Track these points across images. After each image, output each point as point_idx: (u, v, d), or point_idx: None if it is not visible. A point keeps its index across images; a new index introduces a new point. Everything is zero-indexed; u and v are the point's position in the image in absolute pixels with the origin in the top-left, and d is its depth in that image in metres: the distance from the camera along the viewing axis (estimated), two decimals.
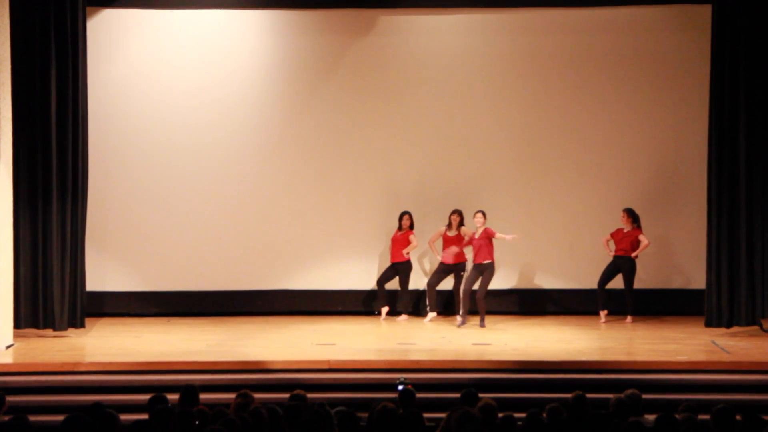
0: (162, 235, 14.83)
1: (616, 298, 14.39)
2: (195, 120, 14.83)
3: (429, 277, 14.67)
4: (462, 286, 14.05)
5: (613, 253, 14.36)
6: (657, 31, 14.74)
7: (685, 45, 14.64)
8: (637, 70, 14.76)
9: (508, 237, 13.78)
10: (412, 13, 14.91)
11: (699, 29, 14.18)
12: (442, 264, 14.46)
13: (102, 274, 14.60)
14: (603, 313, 14.29)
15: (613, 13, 14.76)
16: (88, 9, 13.75)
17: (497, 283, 14.91)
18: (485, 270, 13.86)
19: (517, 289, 15.02)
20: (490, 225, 13.94)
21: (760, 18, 13.02)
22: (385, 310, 14.68)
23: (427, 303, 14.49)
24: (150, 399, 8.02)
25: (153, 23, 14.80)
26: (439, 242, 14.51)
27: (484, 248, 13.85)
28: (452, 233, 14.40)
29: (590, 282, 14.49)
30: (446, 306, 14.67)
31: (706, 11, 13.61)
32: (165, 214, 14.84)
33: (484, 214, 13.92)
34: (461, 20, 14.92)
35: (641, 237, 14.19)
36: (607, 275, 14.33)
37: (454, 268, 14.40)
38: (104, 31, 14.62)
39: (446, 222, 14.44)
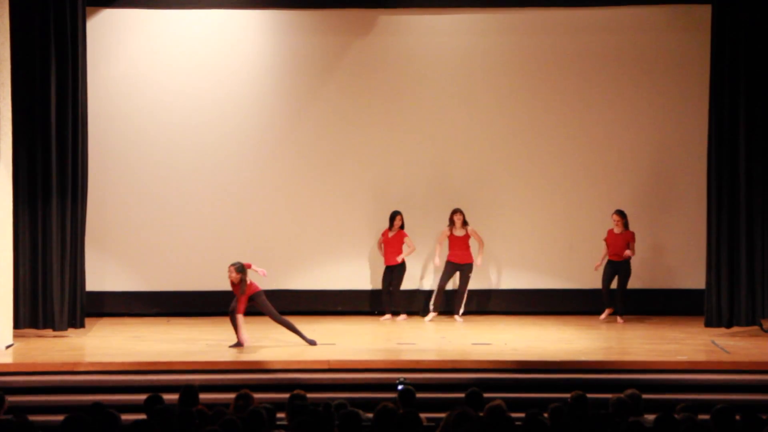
0: (162, 235, 14.82)
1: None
2: (195, 120, 14.82)
3: (439, 278, 14.60)
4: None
5: (608, 257, 14.32)
6: (657, 31, 14.73)
7: (685, 45, 14.63)
8: (638, 70, 14.75)
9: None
10: (412, 13, 14.90)
11: (699, 29, 14.17)
12: (449, 263, 14.45)
13: (102, 274, 14.59)
14: (606, 311, 14.28)
15: (613, 13, 14.75)
16: (88, 9, 13.74)
17: (498, 282, 14.92)
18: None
19: (517, 289, 15.00)
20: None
21: (760, 18, 13.02)
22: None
23: (432, 302, 14.47)
24: (146, 399, 7.98)
25: (153, 23, 14.79)
26: (445, 242, 14.52)
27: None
28: (458, 233, 14.40)
29: (590, 282, 14.49)
30: (446, 306, 14.66)
31: (706, 11, 13.60)
32: (165, 214, 14.83)
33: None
34: (461, 20, 14.91)
35: (627, 252, 14.13)
36: (608, 277, 14.31)
37: (462, 268, 14.41)
38: (104, 31, 14.61)
39: (447, 222, 14.45)
